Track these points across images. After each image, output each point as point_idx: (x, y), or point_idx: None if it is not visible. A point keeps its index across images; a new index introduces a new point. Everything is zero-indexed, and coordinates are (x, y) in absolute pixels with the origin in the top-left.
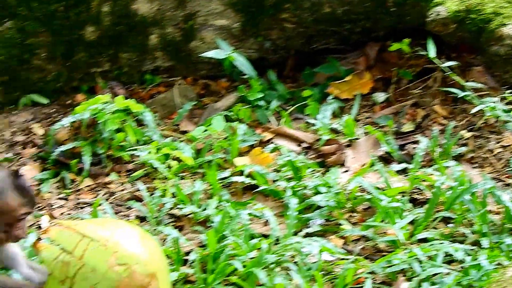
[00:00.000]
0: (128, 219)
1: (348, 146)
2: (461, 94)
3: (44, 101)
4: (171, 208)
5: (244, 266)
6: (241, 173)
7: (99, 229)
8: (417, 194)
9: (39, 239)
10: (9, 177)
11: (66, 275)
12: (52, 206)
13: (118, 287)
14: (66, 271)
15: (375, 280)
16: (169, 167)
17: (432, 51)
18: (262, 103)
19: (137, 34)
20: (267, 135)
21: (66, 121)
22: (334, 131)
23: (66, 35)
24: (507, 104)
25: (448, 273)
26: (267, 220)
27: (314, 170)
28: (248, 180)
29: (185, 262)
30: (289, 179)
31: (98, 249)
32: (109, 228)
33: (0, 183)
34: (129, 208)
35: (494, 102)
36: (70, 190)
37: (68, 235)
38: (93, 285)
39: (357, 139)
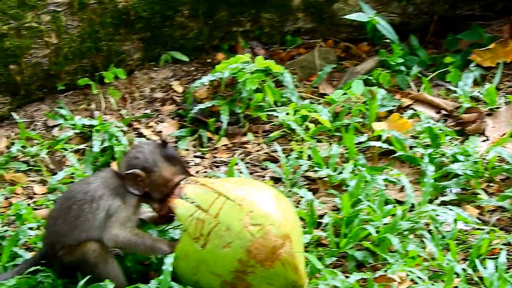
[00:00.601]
0: (263, 180)
1: (489, 115)
2: None
3: (185, 58)
4: (306, 171)
5: (377, 232)
6: (378, 138)
7: (234, 188)
8: None
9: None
10: (158, 148)
11: (200, 232)
12: (188, 164)
13: (251, 247)
14: (201, 228)
15: (510, 251)
16: (306, 129)
17: None
18: (402, 68)
19: None
20: (406, 101)
21: (206, 79)
22: (474, 99)
23: None
24: None
25: None
26: (402, 187)
27: (452, 138)
28: (385, 146)
29: (318, 225)
30: (426, 146)
31: (233, 208)
32: (245, 187)
33: (151, 155)
34: (265, 168)
35: None
36: (207, 149)
37: (204, 192)
38: (226, 243)
39: (498, 108)
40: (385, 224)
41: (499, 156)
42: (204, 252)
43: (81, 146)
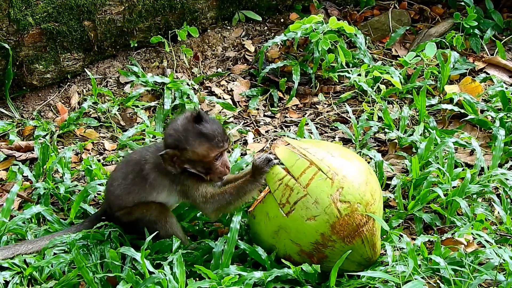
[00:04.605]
0: (332, 141)
1: None
2: None
3: (258, 18)
4: (376, 132)
5: (445, 195)
6: (450, 101)
7: (328, 158)
8: None
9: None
10: (190, 123)
11: (287, 199)
12: (258, 123)
13: (336, 223)
14: (288, 195)
15: None
16: (378, 90)
17: None
18: (476, 31)
19: None
20: (479, 64)
21: (278, 39)
22: None
23: None
24: None
25: None
26: (472, 150)
27: None
28: (456, 109)
29: (386, 186)
30: (498, 110)
31: (325, 181)
32: (338, 159)
33: (183, 134)
34: (334, 129)
35: None
36: (277, 109)
37: (296, 158)
38: (312, 216)
39: None
40: (454, 187)
41: None
42: (287, 220)
43: (152, 104)
